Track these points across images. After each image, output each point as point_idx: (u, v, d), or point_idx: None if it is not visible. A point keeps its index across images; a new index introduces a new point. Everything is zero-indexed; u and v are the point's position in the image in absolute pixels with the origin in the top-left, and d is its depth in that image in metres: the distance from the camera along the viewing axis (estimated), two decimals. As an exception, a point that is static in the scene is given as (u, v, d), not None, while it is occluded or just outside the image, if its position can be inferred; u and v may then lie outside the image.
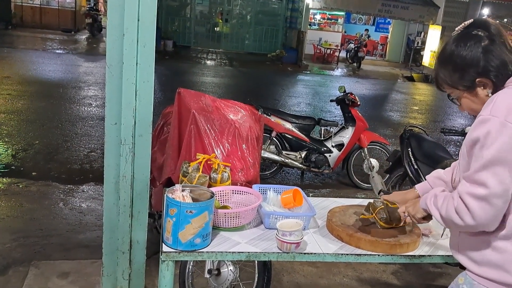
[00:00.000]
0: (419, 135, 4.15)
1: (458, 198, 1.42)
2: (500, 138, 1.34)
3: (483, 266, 1.45)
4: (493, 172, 1.35)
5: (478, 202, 1.37)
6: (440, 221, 1.52)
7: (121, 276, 2.50)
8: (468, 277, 1.49)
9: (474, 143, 1.41)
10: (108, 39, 2.22)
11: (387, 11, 16.68)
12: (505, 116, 1.35)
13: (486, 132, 1.37)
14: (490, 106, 1.40)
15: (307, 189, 5.05)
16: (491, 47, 1.46)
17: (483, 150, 1.37)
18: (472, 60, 1.47)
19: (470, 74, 1.48)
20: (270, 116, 5.11)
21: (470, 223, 1.39)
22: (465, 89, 1.51)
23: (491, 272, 1.42)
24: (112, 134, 2.31)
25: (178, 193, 1.79)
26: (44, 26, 18.32)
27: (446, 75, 1.54)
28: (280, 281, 3.20)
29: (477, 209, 1.37)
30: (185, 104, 2.57)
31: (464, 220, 1.40)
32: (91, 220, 3.86)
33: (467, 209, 1.39)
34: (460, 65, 1.49)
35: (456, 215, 1.42)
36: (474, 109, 1.54)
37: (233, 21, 19.88)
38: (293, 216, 2.01)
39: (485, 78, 1.47)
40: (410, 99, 12.90)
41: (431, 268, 3.56)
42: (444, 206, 1.48)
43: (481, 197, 1.36)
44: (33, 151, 5.45)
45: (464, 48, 1.48)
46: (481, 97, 1.50)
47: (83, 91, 8.99)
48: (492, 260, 1.43)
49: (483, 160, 1.37)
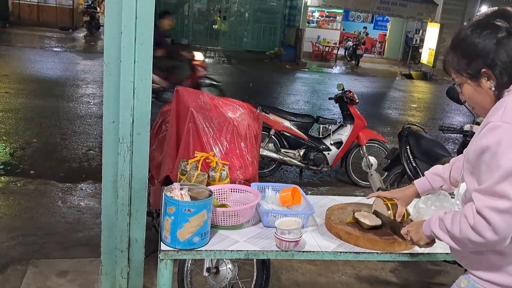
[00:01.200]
0: (418, 133, 4.15)
1: (476, 215, 1.33)
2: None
3: (487, 270, 1.42)
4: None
5: (501, 216, 1.29)
6: (451, 243, 1.45)
7: (120, 275, 2.50)
8: (472, 280, 1.46)
9: (483, 151, 1.33)
10: (105, 37, 2.21)
11: (386, 8, 16.68)
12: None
13: (498, 139, 1.29)
14: (500, 112, 1.32)
15: (305, 187, 5.05)
16: (506, 41, 1.38)
17: (497, 159, 1.29)
18: (483, 49, 1.40)
19: (477, 63, 1.42)
20: (268, 114, 5.11)
21: (492, 239, 1.31)
22: (470, 77, 1.46)
23: (496, 276, 1.40)
24: (110, 132, 2.31)
25: (177, 192, 1.78)
26: (41, 24, 18.25)
27: (455, 59, 1.49)
28: (279, 279, 3.20)
29: (500, 223, 1.29)
30: (183, 102, 2.57)
31: (484, 236, 1.32)
32: (89, 219, 3.86)
33: (487, 224, 1.30)
34: (470, 52, 1.44)
35: (473, 233, 1.34)
36: (474, 100, 1.49)
37: (231, 18, 19.84)
38: (292, 214, 2.01)
39: (490, 70, 1.41)
40: (408, 97, 12.90)
41: (429, 266, 3.57)
42: (456, 227, 1.39)
43: (505, 210, 1.28)
44: (31, 149, 5.43)
45: (478, 36, 1.42)
46: (484, 88, 1.44)
47: (81, 89, 8.97)
48: (496, 264, 1.40)
49: (501, 171, 1.28)
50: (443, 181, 1.86)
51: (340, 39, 21.02)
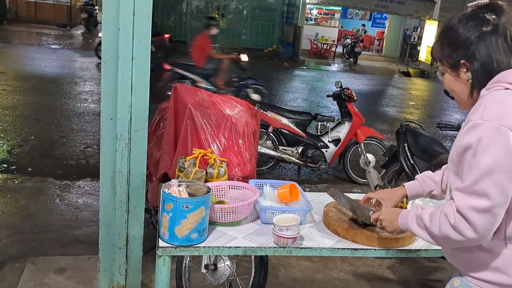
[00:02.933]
0: (415, 130, 4.16)
1: (456, 214, 1.33)
2: (495, 144, 1.27)
3: (479, 269, 1.41)
4: (494, 181, 1.27)
5: (482, 215, 1.29)
6: (429, 240, 1.44)
7: (118, 272, 2.50)
8: (465, 279, 1.45)
9: (465, 150, 1.33)
10: (103, 34, 2.21)
11: (384, 6, 16.66)
12: (498, 119, 1.28)
13: (478, 138, 1.29)
14: (480, 110, 1.32)
15: (303, 184, 5.06)
16: (489, 36, 1.38)
17: (478, 157, 1.29)
18: (465, 40, 1.40)
19: (458, 54, 1.42)
20: (266, 111, 5.11)
21: (472, 237, 1.31)
22: (450, 66, 1.46)
23: (489, 275, 1.39)
24: (108, 129, 2.30)
25: (175, 188, 1.78)
26: (39, 21, 18.20)
27: (439, 47, 1.49)
28: (277, 276, 3.21)
29: (480, 222, 1.29)
30: (181, 99, 2.57)
31: (465, 235, 1.32)
32: (87, 216, 3.85)
33: (467, 223, 1.30)
34: (453, 42, 1.44)
35: (453, 231, 1.33)
36: (452, 89, 1.50)
37: (229, 16, 19.80)
38: (290, 211, 2.01)
39: (469, 63, 1.41)
40: (406, 94, 12.91)
41: (426, 263, 3.58)
42: (436, 225, 1.38)
43: (485, 209, 1.28)
44: (29, 146, 5.42)
45: (463, 26, 1.42)
46: (462, 79, 1.44)
47: (78, 87, 8.95)
48: (489, 263, 1.39)
49: (481, 169, 1.28)
50: (435, 185, 1.83)
51: (338, 36, 20.99)
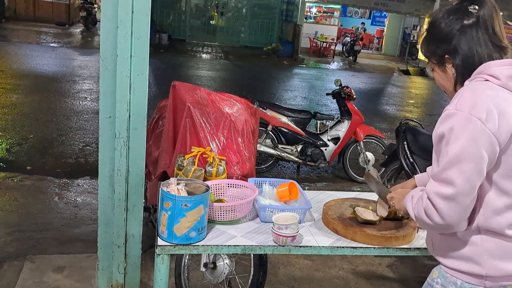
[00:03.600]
0: (415, 129, 4.16)
1: (426, 199, 1.38)
2: (464, 133, 1.29)
3: (455, 260, 1.44)
4: (460, 169, 1.30)
5: (446, 202, 1.32)
6: (416, 221, 1.48)
7: (117, 270, 2.49)
8: (442, 270, 1.48)
9: (440, 139, 1.36)
10: (102, 32, 2.20)
11: (383, 4, 16.64)
12: (470, 110, 1.30)
13: (451, 127, 1.32)
14: (455, 101, 1.35)
15: (303, 182, 5.05)
16: (470, 29, 1.39)
17: (449, 146, 1.32)
18: (447, 35, 1.41)
19: (442, 49, 1.43)
20: (266, 110, 5.10)
21: (439, 223, 1.35)
22: (436, 62, 1.48)
23: (463, 265, 1.42)
24: (107, 127, 2.30)
25: (173, 187, 1.78)
26: (38, 19, 18.15)
27: (425, 43, 1.50)
28: (276, 274, 3.21)
29: (445, 209, 1.33)
30: (180, 97, 2.56)
31: (433, 220, 1.36)
32: (86, 214, 3.85)
33: (435, 209, 1.35)
34: (436, 37, 1.45)
35: (425, 215, 1.38)
36: (442, 85, 1.51)
37: (228, 14, 19.79)
38: (289, 209, 2.01)
39: (452, 58, 1.42)
40: (406, 93, 12.91)
41: (426, 261, 3.58)
42: (416, 207, 1.43)
43: (449, 196, 1.32)
44: (28, 145, 5.41)
45: (445, 21, 1.43)
46: (449, 74, 1.45)
47: (77, 85, 8.94)
48: (463, 253, 1.42)
49: (448, 157, 1.32)
50: None
51: (338, 34, 20.99)
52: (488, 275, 1.39)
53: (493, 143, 1.30)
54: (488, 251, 1.39)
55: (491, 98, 1.32)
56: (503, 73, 1.36)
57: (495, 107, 1.30)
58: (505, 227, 1.38)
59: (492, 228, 1.38)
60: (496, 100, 1.32)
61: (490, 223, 1.38)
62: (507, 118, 1.30)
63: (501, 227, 1.38)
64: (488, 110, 1.29)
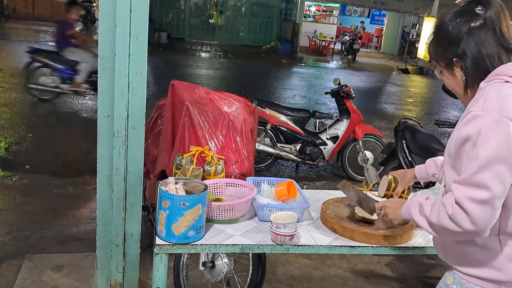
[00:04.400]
0: (414, 127, 4.16)
1: (454, 205, 1.32)
2: (495, 135, 1.26)
3: (472, 265, 1.40)
4: (493, 172, 1.26)
5: (480, 207, 1.27)
6: (428, 229, 1.44)
7: (115, 269, 2.49)
8: (457, 276, 1.45)
9: (464, 141, 1.32)
10: (100, 31, 2.19)
11: (382, 3, 16.66)
12: (499, 111, 1.27)
13: (478, 129, 1.28)
14: (481, 101, 1.31)
15: (301, 181, 5.05)
16: (478, 31, 1.37)
17: (477, 149, 1.28)
18: (455, 38, 1.40)
19: (450, 52, 1.42)
20: (264, 109, 5.10)
21: (470, 229, 1.30)
22: (445, 65, 1.46)
23: (482, 271, 1.39)
24: (105, 126, 2.29)
25: (172, 186, 1.78)
26: (37, 18, 18.12)
27: (432, 47, 1.49)
28: (275, 273, 3.21)
29: (478, 214, 1.28)
30: (179, 96, 2.56)
31: (462, 226, 1.30)
32: (85, 213, 3.85)
33: (466, 214, 1.29)
34: (443, 40, 1.43)
35: (450, 222, 1.32)
36: (452, 88, 1.49)
37: (227, 13, 19.78)
38: (287, 208, 2.01)
39: (460, 61, 1.41)
40: (404, 92, 12.91)
41: (424, 260, 3.58)
42: (434, 215, 1.38)
43: (484, 200, 1.27)
44: (27, 144, 5.41)
45: (452, 23, 1.41)
46: (457, 78, 1.44)
47: (76, 84, 8.91)
48: (482, 259, 1.39)
49: (480, 161, 1.27)
50: (436, 168, 1.90)
51: (337, 33, 20.99)
52: (508, 280, 1.36)
53: None
54: (508, 256, 1.36)
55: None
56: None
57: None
58: None
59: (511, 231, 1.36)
60: None
61: (509, 226, 1.35)
62: None
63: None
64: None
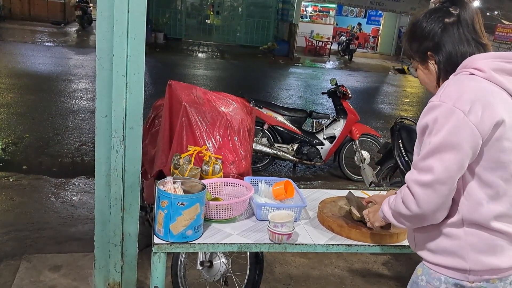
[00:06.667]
0: (410, 127, 4.17)
1: (405, 188, 1.40)
2: (447, 124, 1.31)
3: (438, 255, 1.44)
4: (440, 158, 1.32)
5: (423, 189, 1.34)
6: (393, 221, 1.49)
7: (113, 269, 2.50)
8: (426, 267, 1.48)
9: (424, 130, 1.38)
10: (98, 31, 2.20)
11: (379, 3, 16.70)
12: (454, 102, 1.31)
13: (434, 118, 1.33)
14: (440, 92, 1.37)
15: (299, 181, 5.02)
16: (452, 28, 1.43)
17: (431, 136, 1.34)
18: (429, 33, 1.45)
19: (424, 46, 1.47)
20: (262, 109, 5.12)
21: (416, 211, 1.37)
22: (419, 60, 1.51)
23: (447, 260, 1.41)
24: (103, 126, 2.30)
25: (170, 185, 1.79)
26: (33, 19, 18.11)
27: (407, 43, 1.54)
28: (272, 272, 3.22)
29: (422, 196, 1.34)
30: (176, 96, 2.57)
31: (410, 208, 1.38)
32: (82, 213, 3.85)
33: (412, 196, 1.36)
34: (418, 35, 1.48)
35: (402, 205, 1.40)
36: (426, 83, 1.53)
37: (224, 13, 19.79)
38: (285, 207, 2.02)
39: (435, 54, 1.46)
40: (401, 92, 12.95)
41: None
42: (393, 202, 1.46)
43: (426, 183, 1.33)
44: (24, 144, 5.40)
45: (427, 19, 1.47)
46: (432, 71, 1.49)
47: (73, 84, 8.91)
48: (447, 247, 1.42)
49: (430, 147, 1.33)
50: None
51: (334, 34, 21.03)
52: (472, 269, 1.38)
53: (475, 135, 1.30)
54: (472, 244, 1.39)
55: (476, 90, 1.34)
56: (487, 65, 1.37)
57: (479, 99, 1.32)
58: (489, 219, 1.37)
59: (476, 220, 1.38)
60: (480, 93, 1.33)
61: (473, 215, 1.38)
62: (491, 110, 1.31)
63: (485, 219, 1.37)
64: (472, 103, 1.31)
